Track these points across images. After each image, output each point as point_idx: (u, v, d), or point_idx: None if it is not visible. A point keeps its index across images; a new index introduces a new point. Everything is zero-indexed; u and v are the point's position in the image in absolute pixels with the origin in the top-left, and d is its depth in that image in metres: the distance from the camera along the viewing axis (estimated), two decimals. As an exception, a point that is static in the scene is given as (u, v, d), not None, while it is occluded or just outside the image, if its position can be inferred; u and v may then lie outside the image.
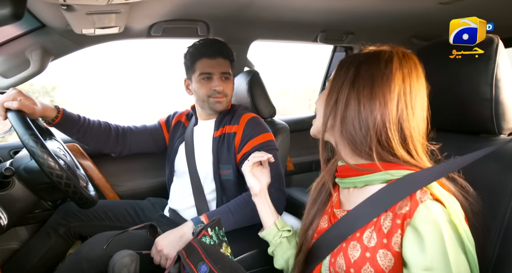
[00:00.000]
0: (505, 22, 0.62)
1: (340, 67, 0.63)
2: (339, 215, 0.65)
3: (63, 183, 0.82)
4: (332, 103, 0.61)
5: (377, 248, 0.55)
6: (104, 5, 0.76)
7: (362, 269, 0.56)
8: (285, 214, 1.16)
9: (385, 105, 0.57)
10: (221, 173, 1.12)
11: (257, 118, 1.16)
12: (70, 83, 4.42)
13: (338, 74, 0.62)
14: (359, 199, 0.61)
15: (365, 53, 0.62)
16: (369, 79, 0.58)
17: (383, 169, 0.58)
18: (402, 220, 0.53)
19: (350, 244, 0.59)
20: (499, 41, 0.66)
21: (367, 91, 0.58)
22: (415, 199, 0.52)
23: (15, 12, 0.46)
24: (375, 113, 0.57)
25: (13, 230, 1.21)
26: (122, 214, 1.23)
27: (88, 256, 0.93)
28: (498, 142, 0.66)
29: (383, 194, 0.57)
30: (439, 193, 0.53)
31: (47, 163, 0.80)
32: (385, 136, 0.57)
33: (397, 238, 0.53)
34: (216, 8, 1.13)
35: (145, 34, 1.26)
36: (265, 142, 1.09)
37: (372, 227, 0.57)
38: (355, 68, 0.60)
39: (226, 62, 1.14)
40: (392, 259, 0.54)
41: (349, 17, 1.31)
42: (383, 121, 0.57)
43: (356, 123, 0.58)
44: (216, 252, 0.69)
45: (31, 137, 0.81)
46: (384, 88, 0.57)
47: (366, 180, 0.61)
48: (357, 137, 0.59)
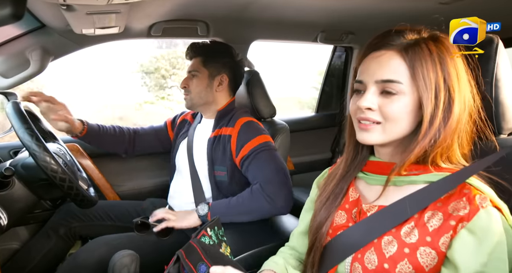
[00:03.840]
0: (505, 22, 0.62)
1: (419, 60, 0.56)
2: (369, 210, 0.62)
3: (58, 178, 0.81)
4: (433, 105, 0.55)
5: (418, 244, 0.54)
6: (104, 5, 0.76)
7: (398, 264, 0.55)
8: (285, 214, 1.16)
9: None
10: (215, 174, 1.13)
11: (252, 122, 1.15)
12: (55, 83, 4.39)
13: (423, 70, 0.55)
14: (398, 197, 0.59)
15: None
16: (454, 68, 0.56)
17: (431, 171, 0.57)
18: (457, 222, 0.52)
19: (384, 239, 0.57)
20: (499, 41, 0.66)
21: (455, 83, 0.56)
22: (475, 204, 0.51)
23: (15, 12, 0.46)
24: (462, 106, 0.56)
25: (13, 230, 1.21)
26: (122, 214, 1.23)
27: (85, 262, 0.93)
28: (499, 142, 0.66)
29: (430, 190, 0.56)
30: (497, 199, 0.53)
31: (42, 157, 0.79)
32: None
33: (446, 238, 0.53)
34: (216, 8, 1.13)
35: (145, 34, 1.26)
36: (262, 144, 1.08)
37: (412, 223, 0.56)
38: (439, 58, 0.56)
39: (196, 60, 1.19)
40: (436, 258, 0.53)
41: (349, 17, 1.31)
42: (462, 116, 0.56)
43: (453, 128, 0.56)
44: (216, 252, 0.69)
45: (26, 130, 0.81)
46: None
47: (411, 180, 0.59)
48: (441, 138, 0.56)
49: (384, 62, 0.57)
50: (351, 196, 0.67)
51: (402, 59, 0.56)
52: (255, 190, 1.02)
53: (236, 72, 1.22)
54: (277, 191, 1.01)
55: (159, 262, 0.89)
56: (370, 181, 0.65)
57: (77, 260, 0.94)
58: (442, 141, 0.55)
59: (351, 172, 0.68)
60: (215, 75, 1.18)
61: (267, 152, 1.07)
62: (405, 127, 0.57)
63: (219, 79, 1.18)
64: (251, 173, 1.07)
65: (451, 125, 0.55)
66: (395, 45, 0.57)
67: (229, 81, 1.20)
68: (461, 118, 0.56)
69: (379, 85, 0.57)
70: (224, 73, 1.18)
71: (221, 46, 1.24)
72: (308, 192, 0.80)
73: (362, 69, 0.61)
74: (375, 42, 0.60)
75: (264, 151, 1.07)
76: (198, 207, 1.04)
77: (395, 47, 0.57)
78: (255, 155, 1.06)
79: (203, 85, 1.17)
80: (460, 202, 0.53)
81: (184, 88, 1.19)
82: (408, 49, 0.56)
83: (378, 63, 0.58)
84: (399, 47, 0.57)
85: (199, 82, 1.17)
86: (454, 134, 0.56)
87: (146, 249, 1.00)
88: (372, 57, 0.59)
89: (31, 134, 0.80)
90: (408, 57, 0.55)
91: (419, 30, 0.59)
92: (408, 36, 0.58)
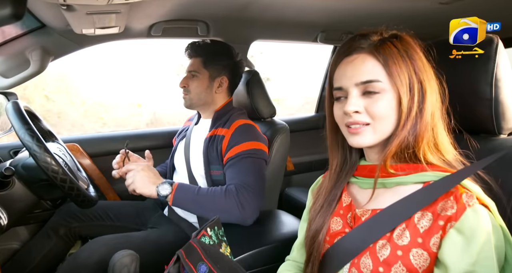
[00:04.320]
0: (505, 22, 0.62)
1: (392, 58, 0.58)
2: (363, 215, 0.62)
3: (58, 178, 0.81)
4: (408, 101, 0.58)
5: (410, 246, 0.55)
6: (104, 5, 0.76)
7: (392, 267, 0.55)
8: (286, 214, 1.16)
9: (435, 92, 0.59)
10: (212, 173, 1.12)
11: (248, 125, 1.13)
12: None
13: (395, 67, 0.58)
14: (388, 198, 0.59)
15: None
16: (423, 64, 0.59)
17: (422, 171, 0.58)
18: (445, 222, 0.52)
19: (379, 243, 0.57)
20: (499, 41, 0.66)
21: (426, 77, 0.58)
22: (461, 203, 0.52)
23: (15, 12, 0.46)
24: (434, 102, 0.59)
25: (13, 230, 1.21)
26: (122, 214, 1.24)
27: (86, 262, 0.93)
28: (499, 141, 0.66)
29: (419, 195, 0.56)
30: (484, 197, 0.53)
31: (43, 157, 0.79)
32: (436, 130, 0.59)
33: (436, 238, 0.53)
34: (216, 8, 1.13)
35: (145, 34, 1.26)
36: (251, 150, 1.05)
37: (403, 225, 0.56)
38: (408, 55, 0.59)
39: (196, 60, 1.18)
40: (428, 259, 0.53)
41: (349, 17, 1.31)
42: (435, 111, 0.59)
43: (429, 117, 0.58)
44: (216, 252, 0.69)
45: (27, 131, 0.80)
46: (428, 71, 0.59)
47: (399, 181, 0.59)
48: (421, 135, 0.58)
49: (359, 65, 0.59)
50: (344, 201, 0.68)
51: (375, 59, 0.58)
52: (229, 192, 0.98)
53: (236, 73, 1.22)
54: (250, 199, 0.97)
55: (159, 262, 0.89)
56: (363, 185, 0.66)
57: (77, 260, 0.94)
58: (422, 131, 0.57)
59: (342, 179, 0.68)
60: (215, 77, 1.17)
61: (254, 159, 1.05)
62: (394, 123, 0.59)
63: (219, 81, 1.18)
64: (230, 173, 1.04)
65: (427, 114, 0.58)
66: (365, 47, 0.59)
67: (229, 83, 1.20)
68: (435, 107, 0.59)
69: (360, 87, 0.59)
70: (224, 75, 1.18)
71: (222, 47, 1.23)
72: (308, 192, 0.80)
73: (338, 76, 0.62)
74: (345, 48, 0.61)
75: (250, 158, 1.04)
76: (160, 187, 0.96)
77: (365, 49, 0.59)
78: (241, 159, 1.04)
79: (203, 86, 1.16)
80: (448, 201, 0.53)
81: (183, 88, 1.19)
82: (379, 48, 0.58)
83: (353, 66, 0.59)
84: (370, 48, 0.59)
85: (199, 83, 1.16)
86: (432, 123, 0.58)
87: (146, 249, 1.00)
88: (346, 62, 0.61)
89: (32, 135, 0.80)
90: (380, 56, 0.58)
91: (380, 31, 0.61)
92: (373, 37, 0.60)
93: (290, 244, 0.82)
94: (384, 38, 0.60)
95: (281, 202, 1.70)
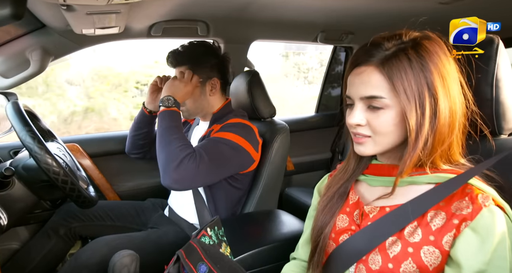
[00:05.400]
0: (505, 22, 0.62)
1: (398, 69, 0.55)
2: (371, 212, 0.62)
3: (60, 180, 0.81)
4: (420, 113, 0.55)
5: (421, 244, 0.55)
6: (104, 5, 0.76)
7: (402, 264, 0.55)
8: (286, 214, 1.16)
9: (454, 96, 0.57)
10: None
11: (244, 124, 1.10)
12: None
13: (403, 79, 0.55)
14: (399, 197, 0.60)
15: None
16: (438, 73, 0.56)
17: (435, 172, 0.58)
18: (460, 221, 0.52)
19: (389, 239, 0.58)
20: (499, 41, 0.66)
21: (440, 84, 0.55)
22: (477, 203, 0.52)
23: (15, 12, 0.46)
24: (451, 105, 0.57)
25: (13, 230, 1.21)
26: (122, 214, 1.24)
27: (87, 262, 0.93)
28: (500, 142, 0.66)
29: (429, 195, 0.57)
30: (500, 199, 0.53)
31: (44, 159, 0.79)
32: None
33: (449, 237, 0.53)
34: (216, 8, 1.13)
35: (145, 34, 1.26)
36: (229, 140, 1.01)
37: (415, 222, 0.56)
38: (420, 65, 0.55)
39: (181, 69, 1.13)
40: (440, 257, 0.53)
41: (349, 17, 1.31)
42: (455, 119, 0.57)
43: (445, 132, 0.56)
44: (216, 252, 0.69)
45: (28, 133, 0.80)
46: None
47: (412, 181, 0.60)
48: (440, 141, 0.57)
49: (365, 79, 0.58)
50: (351, 199, 0.68)
51: (381, 74, 0.56)
52: (186, 148, 0.94)
53: (225, 71, 1.19)
54: (193, 169, 0.92)
55: (159, 262, 0.89)
56: (372, 183, 0.66)
57: (79, 261, 0.94)
58: (435, 147, 0.56)
59: (354, 175, 0.69)
60: (205, 81, 1.14)
61: (227, 147, 1.00)
62: (396, 138, 0.58)
63: (211, 83, 1.14)
64: (199, 144, 1.03)
65: (440, 131, 0.56)
66: (373, 60, 0.57)
67: (221, 83, 1.17)
68: (452, 121, 0.57)
69: (365, 101, 0.58)
70: (214, 76, 1.14)
71: (202, 48, 1.18)
72: (308, 192, 0.80)
73: (349, 84, 0.62)
74: (355, 58, 0.60)
75: (224, 145, 1.00)
76: (169, 98, 1.02)
77: (374, 62, 0.57)
78: (216, 142, 1.01)
79: (196, 95, 1.13)
80: (463, 201, 0.53)
81: None
82: (385, 63, 0.55)
83: (360, 79, 0.58)
84: (378, 61, 0.56)
85: (192, 93, 1.12)
86: (447, 139, 0.57)
87: (146, 249, 1.00)
88: (355, 73, 0.60)
89: (33, 137, 0.80)
90: (387, 71, 0.55)
91: (399, 35, 0.58)
92: (387, 45, 0.57)
93: (290, 244, 0.82)
94: (397, 49, 0.56)
95: (281, 202, 1.70)
